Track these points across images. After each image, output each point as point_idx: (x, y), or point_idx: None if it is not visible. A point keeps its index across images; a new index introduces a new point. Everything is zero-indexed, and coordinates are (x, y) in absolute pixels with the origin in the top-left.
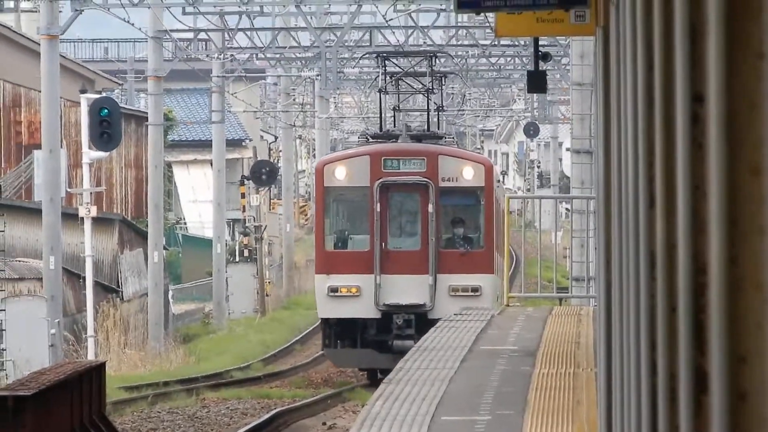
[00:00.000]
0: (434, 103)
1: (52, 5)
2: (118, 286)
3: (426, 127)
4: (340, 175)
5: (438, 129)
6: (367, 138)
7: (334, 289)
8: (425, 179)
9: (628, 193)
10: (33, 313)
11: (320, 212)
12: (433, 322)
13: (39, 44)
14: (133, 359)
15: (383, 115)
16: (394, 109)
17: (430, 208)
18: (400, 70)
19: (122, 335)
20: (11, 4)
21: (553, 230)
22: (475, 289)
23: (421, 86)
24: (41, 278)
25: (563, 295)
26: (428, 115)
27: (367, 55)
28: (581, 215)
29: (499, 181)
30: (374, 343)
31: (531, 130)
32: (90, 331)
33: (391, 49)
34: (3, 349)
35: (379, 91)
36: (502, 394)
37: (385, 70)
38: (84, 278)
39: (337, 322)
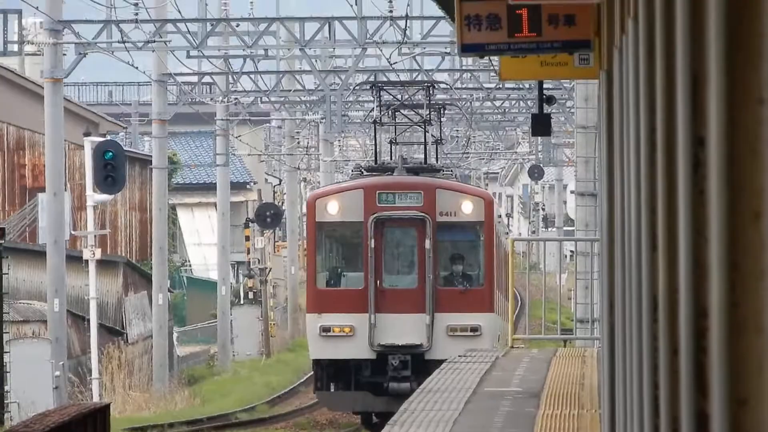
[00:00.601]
0: (432, 135)
1: (56, 48)
2: (123, 329)
3: (423, 159)
4: (332, 209)
5: (436, 162)
6: (361, 171)
7: (326, 329)
8: (422, 214)
9: (631, 236)
10: (37, 355)
11: (312, 248)
12: (430, 364)
13: (43, 87)
14: (137, 401)
15: (378, 147)
16: (390, 142)
17: (427, 243)
18: (397, 101)
19: (127, 377)
20: (15, 48)
21: (558, 272)
22: (474, 329)
23: (418, 118)
24: (46, 320)
25: (567, 337)
26: (425, 147)
27: (364, 87)
28: (585, 257)
29: (500, 216)
30: (369, 385)
31: (535, 173)
32: (95, 373)
33: (387, 79)
34: (8, 391)
35: (374, 122)
36: None
37: (380, 101)
38: (88, 320)
39: (330, 364)
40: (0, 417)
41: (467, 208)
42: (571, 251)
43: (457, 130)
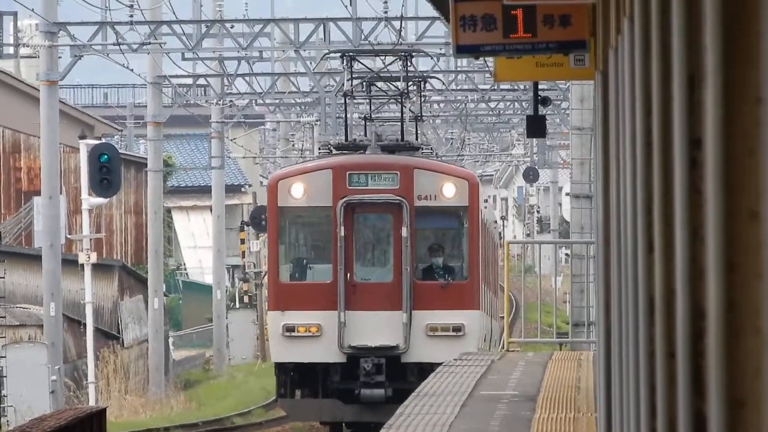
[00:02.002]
0: (410, 110)
1: (52, 51)
2: (119, 333)
3: (400, 137)
4: (296, 192)
5: (416, 140)
6: (329, 149)
7: (290, 328)
8: (398, 197)
9: (627, 238)
10: (34, 359)
11: (273, 237)
12: (407, 367)
13: (38, 90)
14: (134, 405)
15: (349, 123)
16: (364, 118)
17: (404, 231)
18: (369, 71)
19: (123, 381)
20: (11, 50)
21: (553, 275)
22: (456, 328)
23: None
24: (42, 325)
25: (563, 340)
26: (402, 123)
27: (330, 56)
28: (581, 260)
29: (486, 200)
30: (338, 392)
31: (530, 175)
32: (91, 378)
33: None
34: (4, 396)
35: (344, 95)
36: None
37: (351, 71)
38: (84, 325)
39: (295, 368)
40: None
41: (449, 191)
42: (567, 254)
43: (452, 132)
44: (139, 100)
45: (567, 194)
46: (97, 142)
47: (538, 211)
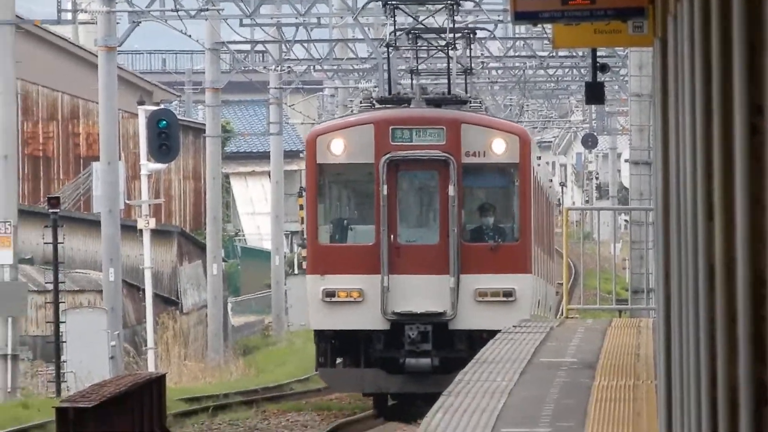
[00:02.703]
0: (458, 63)
1: (110, 17)
2: (178, 298)
3: (447, 90)
4: (337, 148)
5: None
6: (371, 102)
7: (330, 293)
8: (444, 154)
9: (687, 205)
10: (93, 325)
11: (312, 196)
12: (455, 335)
13: (97, 56)
14: (193, 371)
15: (392, 75)
16: (410, 71)
17: (451, 190)
18: (415, 21)
19: (182, 347)
20: (69, 16)
21: (612, 242)
22: (507, 293)
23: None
24: (101, 290)
25: (622, 307)
26: (449, 75)
27: (372, 3)
28: (640, 227)
29: (539, 157)
30: (381, 361)
31: (589, 142)
32: (150, 343)
33: None
34: (64, 361)
35: (387, 45)
36: (562, 406)
37: (395, 20)
38: (143, 290)
39: (335, 335)
40: (57, 387)
41: (499, 147)
42: (626, 220)
43: (511, 99)
44: (197, 66)
45: (626, 161)
46: (155, 107)
47: (596, 178)
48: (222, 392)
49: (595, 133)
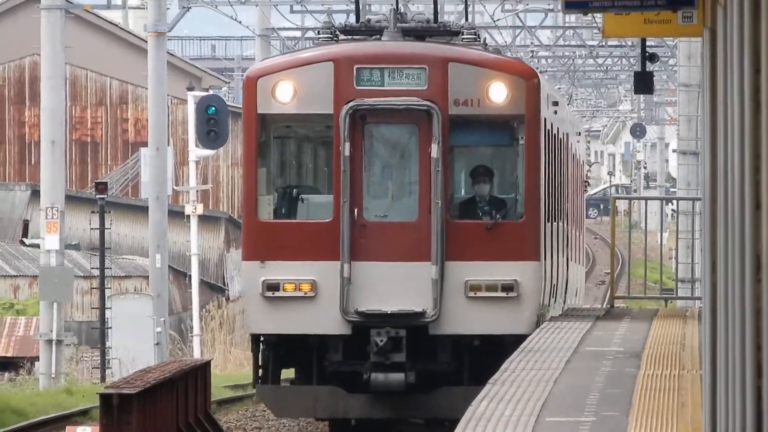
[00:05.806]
0: None
1: (160, 2)
2: (224, 285)
3: (433, 17)
4: (284, 94)
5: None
6: (333, 33)
7: (272, 287)
8: (426, 102)
9: (734, 195)
10: (139, 311)
11: (251, 158)
12: (437, 342)
13: (146, 41)
14: (238, 358)
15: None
16: None
17: (434, 150)
18: None
19: (228, 334)
20: (119, 1)
21: (659, 231)
22: (507, 287)
23: None
24: (147, 276)
25: (669, 297)
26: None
27: None
28: (687, 216)
29: (556, 103)
30: (340, 376)
31: (638, 131)
32: (196, 330)
33: None
34: (109, 347)
35: None
36: (607, 395)
37: None
38: (190, 277)
39: (279, 342)
40: (101, 373)
41: (498, 94)
42: (673, 210)
43: (560, 88)
44: (246, 52)
45: (674, 150)
46: (204, 93)
47: (644, 167)
48: None
49: (644, 123)
